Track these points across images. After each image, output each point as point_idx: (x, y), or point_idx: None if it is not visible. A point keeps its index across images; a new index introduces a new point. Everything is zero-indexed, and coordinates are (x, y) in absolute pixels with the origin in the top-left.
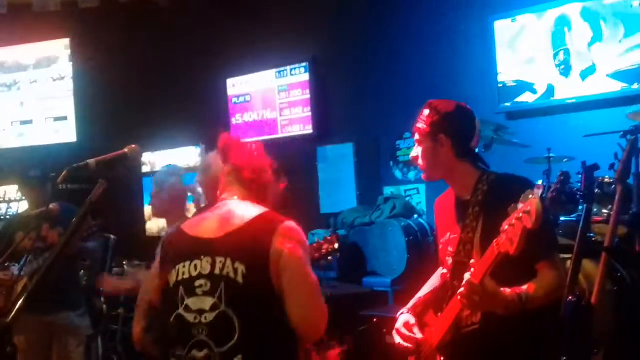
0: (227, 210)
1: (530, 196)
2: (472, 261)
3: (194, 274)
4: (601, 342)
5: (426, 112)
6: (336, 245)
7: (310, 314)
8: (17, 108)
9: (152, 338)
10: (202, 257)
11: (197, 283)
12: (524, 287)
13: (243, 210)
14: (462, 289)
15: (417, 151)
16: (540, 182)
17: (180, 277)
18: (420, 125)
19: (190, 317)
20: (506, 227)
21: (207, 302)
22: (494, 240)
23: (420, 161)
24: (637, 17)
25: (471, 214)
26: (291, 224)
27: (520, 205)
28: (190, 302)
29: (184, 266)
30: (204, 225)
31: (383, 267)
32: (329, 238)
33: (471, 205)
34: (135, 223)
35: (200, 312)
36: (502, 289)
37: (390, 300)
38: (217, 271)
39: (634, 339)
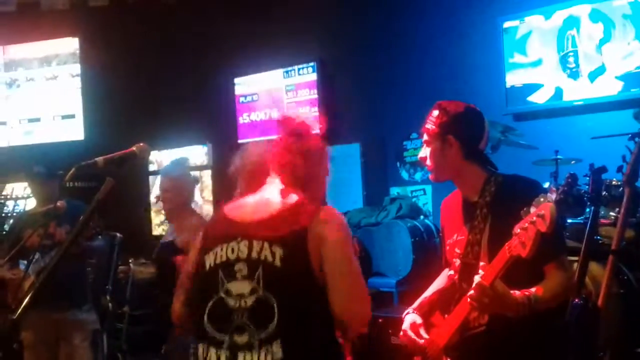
0: (267, 195)
1: (544, 200)
2: (481, 263)
3: (232, 257)
4: (607, 345)
5: (435, 112)
6: (357, 248)
7: (352, 303)
8: (25, 106)
9: (190, 312)
10: (240, 239)
11: (237, 267)
12: (533, 289)
13: (283, 195)
14: (472, 291)
15: (425, 152)
16: (547, 184)
17: (218, 260)
18: (429, 125)
19: (231, 302)
20: (518, 230)
21: (247, 286)
22: (506, 244)
23: (428, 162)
24: None
25: (479, 215)
26: (331, 209)
27: (532, 209)
28: (231, 286)
29: (221, 249)
30: (243, 209)
31: (389, 267)
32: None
33: (479, 206)
34: (141, 221)
35: (241, 296)
36: (511, 292)
37: (395, 300)
38: (254, 254)
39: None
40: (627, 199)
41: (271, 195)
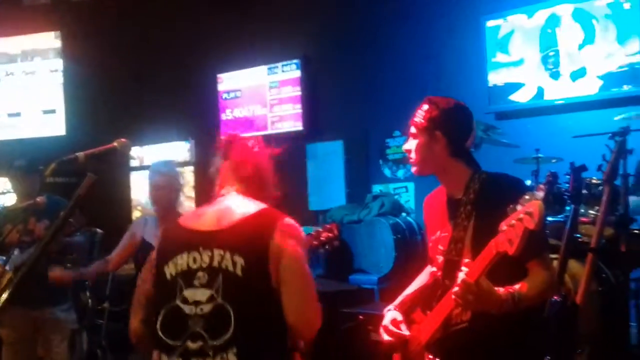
0: (226, 205)
1: (531, 197)
2: (465, 260)
3: (193, 266)
4: (585, 342)
5: (425, 106)
6: (336, 233)
7: (306, 312)
8: (5, 100)
9: (149, 330)
10: (201, 249)
11: (197, 275)
12: (517, 286)
13: (242, 205)
14: (456, 288)
15: (410, 144)
16: (529, 182)
17: (179, 269)
18: (418, 119)
19: (186, 309)
20: (505, 227)
21: (204, 294)
22: (492, 240)
23: (412, 155)
24: (629, 19)
25: (463, 212)
26: (290, 221)
27: (519, 206)
28: (188, 293)
29: (181, 258)
30: (203, 219)
31: (370, 264)
32: (328, 226)
33: (463, 203)
34: (122, 217)
35: (197, 303)
36: (496, 289)
37: (376, 297)
38: (215, 264)
39: (618, 339)
40: (607, 197)
41: (231, 203)
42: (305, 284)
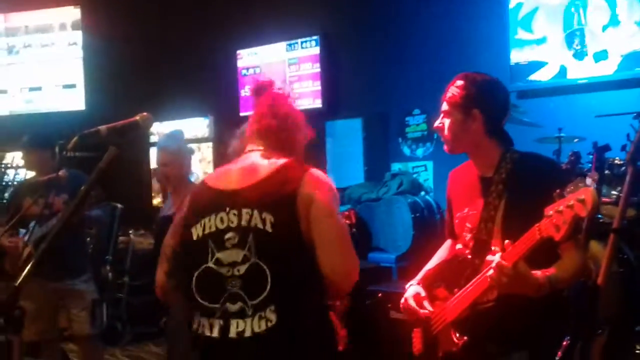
0: (251, 162)
1: (582, 185)
2: (506, 241)
3: (221, 226)
4: (606, 323)
5: (460, 82)
6: (354, 220)
7: (342, 263)
8: (26, 74)
9: (174, 284)
10: (228, 209)
11: (226, 236)
12: (552, 269)
13: (267, 161)
14: (491, 271)
15: (442, 122)
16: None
17: (207, 231)
18: (452, 95)
19: (223, 270)
20: (551, 212)
21: (238, 255)
22: (535, 225)
23: (445, 132)
24: None
25: (494, 191)
26: (317, 172)
27: (568, 193)
28: (221, 255)
29: (209, 220)
30: (228, 178)
31: (388, 243)
32: (346, 213)
33: (494, 182)
34: (141, 192)
35: (233, 264)
36: (533, 272)
37: (394, 275)
38: (244, 223)
39: (638, 321)
40: (630, 178)
41: (255, 160)
42: (338, 234)
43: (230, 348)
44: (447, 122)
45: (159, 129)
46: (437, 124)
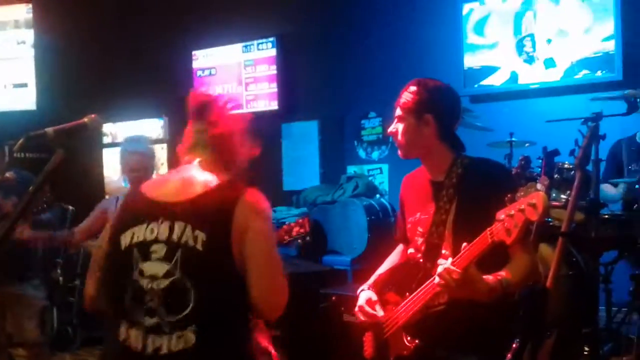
0: (190, 175)
1: (533, 189)
2: (464, 245)
3: (150, 237)
4: (555, 325)
5: (413, 88)
6: (307, 229)
7: (272, 293)
8: None
9: (105, 297)
10: (161, 220)
11: (153, 248)
12: (503, 272)
13: (206, 175)
14: (439, 276)
15: (396, 127)
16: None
17: (135, 240)
18: (405, 100)
19: (143, 283)
20: (503, 216)
21: (161, 268)
22: (487, 229)
23: (399, 137)
24: (604, 4)
25: (445, 195)
26: (255, 194)
27: (519, 197)
28: (144, 266)
29: (139, 228)
30: (165, 188)
31: (344, 245)
32: (300, 221)
33: (445, 187)
34: (94, 194)
35: (153, 278)
36: (484, 277)
37: (349, 278)
38: (175, 237)
39: (586, 323)
40: (578, 182)
41: (194, 173)
42: (270, 262)
43: None
44: (400, 127)
45: (113, 130)
46: (391, 129)
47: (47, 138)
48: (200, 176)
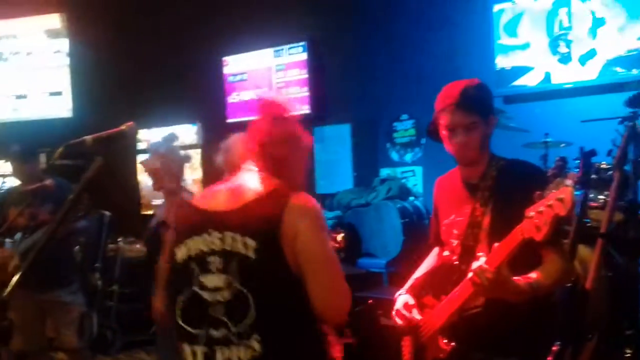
0: (240, 183)
1: (562, 185)
2: (495, 244)
3: (205, 249)
4: (595, 327)
5: (471, 91)
6: (342, 245)
7: (333, 298)
8: (12, 82)
9: (169, 313)
10: (211, 231)
11: (210, 259)
12: (534, 274)
13: (256, 183)
14: (473, 274)
15: (468, 137)
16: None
17: (192, 253)
18: (471, 104)
19: (206, 295)
20: (532, 213)
21: (221, 280)
22: (517, 227)
23: (472, 146)
24: (638, 2)
25: (480, 197)
26: (303, 196)
27: (547, 193)
28: (205, 279)
29: (193, 241)
30: (215, 198)
31: (378, 248)
32: (335, 236)
33: (480, 189)
34: (130, 200)
35: (216, 290)
36: (514, 278)
37: (385, 281)
38: (227, 247)
39: (628, 325)
40: (617, 182)
41: (245, 182)
42: (326, 266)
43: None
44: (473, 135)
45: (147, 136)
46: (459, 140)
47: (85, 146)
48: (250, 183)
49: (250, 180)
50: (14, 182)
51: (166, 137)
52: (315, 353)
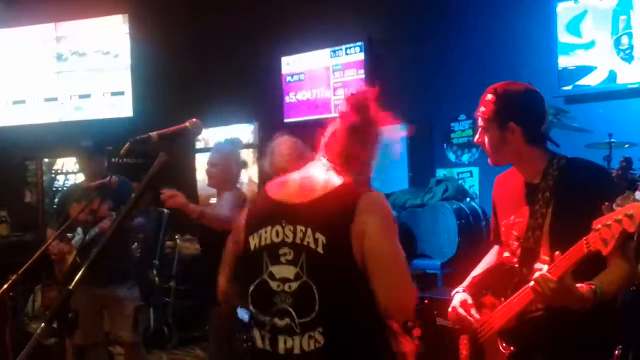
0: (312, 175)
1: (632, 198)
2: (557, 253)
3: (277, 240)
4: None
5: (489, 97)
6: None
7: (398, 296)
8: (75, 82)
9: (236, 289)
10: (284, 223)
11: (281, 251)
12: (598, 281)
13: (327, 177)
14: (535, 282)
15: (482, 136)
16: None
17: (263, 242)
18: (484, 112)
19: (274, 285)
20: (599, 226)
21: (291, 271)
22: (583, 239)
23: (487, 146)
24: None
25: (541, 199)
26: (374, 194)
27: (616, 206)
28: (275, 269)
29: (266, 231)
30: (287, 189)
31: (433, 249)
32: None
33: (541, 189)
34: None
35: (284, 280)
36: (578, 285)
37: (439, 282)
38: (298, 240)
39: None
40: None
41: (317, 174)
42: (393, 264)
43: None
44: (486, 137)
45: (205, 135)
46: (477, 139)
47: (151, 142)
48: (321, 176)
49: (322, 172)
50: (78, 179)
51: (231, 140)
52: (378, 348)
